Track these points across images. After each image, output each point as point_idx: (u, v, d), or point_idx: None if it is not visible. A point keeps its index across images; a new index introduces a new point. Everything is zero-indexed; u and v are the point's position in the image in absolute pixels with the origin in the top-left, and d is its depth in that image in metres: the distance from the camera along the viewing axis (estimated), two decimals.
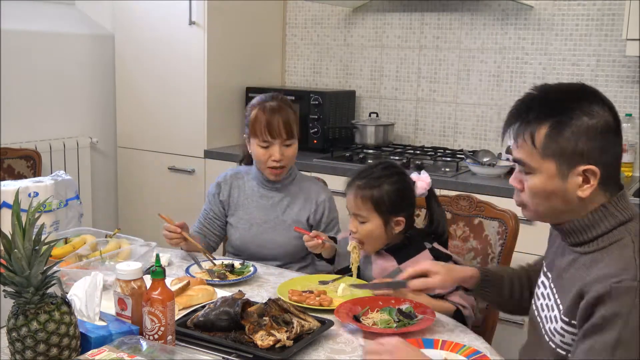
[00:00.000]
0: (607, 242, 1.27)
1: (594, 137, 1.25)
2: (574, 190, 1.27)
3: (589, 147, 1.24)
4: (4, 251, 1.24)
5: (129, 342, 1.31)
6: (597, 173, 1.25)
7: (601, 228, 1.28)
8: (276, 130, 2.11)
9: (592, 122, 1.24)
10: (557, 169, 1.26)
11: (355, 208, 1.87)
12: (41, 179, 2.11)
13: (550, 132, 1.25)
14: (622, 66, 2.91)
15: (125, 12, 3.45)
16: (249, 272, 1.95)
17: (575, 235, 1.31)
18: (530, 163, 1.29)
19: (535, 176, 1.29)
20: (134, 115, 3.51)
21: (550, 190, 1.28)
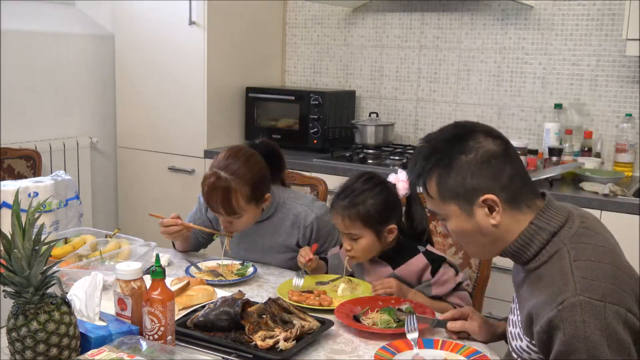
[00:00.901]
0: (547, 255, 1.29)
1: (478, 171, 1.30)
2: (486, 221, 1.32)
3: (476, 181, 1.30)
4: (4, 251, 1.24)
5: (129, 342, 1.31)
6: (496, 200, 1.29)
7: (536, 244, 1.31)
8: (214, 208, 1.96)
9: (470, 158, 1.30)
10: (460, 209, 1.33)
11: (344, 228, 1.84)
12: (41, 179, 2.11)
13: (438, 181, 1.33)
14: (622, 66, 2.91)
15: (125, 12, 3.45)
16: (249, 272, 1.95)
17: (517, 256, 1.35)
18: (438, 211, 1.37)
19: (449, 221, 1.37)
20: (134, 115, 3.51)
21: (466, 228, 1.34)
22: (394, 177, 1.92)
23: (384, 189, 1.87)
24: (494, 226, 1.31)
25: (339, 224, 1.86)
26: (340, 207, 1.84)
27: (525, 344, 1.34)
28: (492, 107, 3.23)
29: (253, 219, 2.04)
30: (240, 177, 1.94)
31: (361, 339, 1.54)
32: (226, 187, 1.92)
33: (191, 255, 2.16)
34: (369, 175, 1.91)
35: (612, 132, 2.94)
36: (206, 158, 3.30)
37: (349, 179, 1.91)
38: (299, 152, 3.23)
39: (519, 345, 1.36)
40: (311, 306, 1.68)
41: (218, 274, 1.92)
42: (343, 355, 1.46)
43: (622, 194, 2.44)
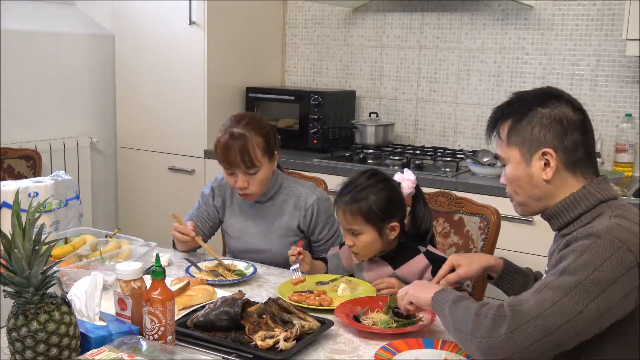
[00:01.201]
0: (590, 217, 1.35)
1: (549, 125, 1.38)
2: (539, 174, 1.39)
3: (544, 132, 1.38)
4: (4, 251, 1.24)
5: (129, 342, 1.31)
6: (554, 155, 1.37)
7: (582, 207, 1.37)
8: (233, 160, 2.01)
9: (546, 112, 1.39)
10: (520, 155, 1.41)
11: (346, 223, 1.84)
12: (41, 179, 2.11)
13: (511, 125, 1.43)
14: (622, 66, 2.91)
15: (125, 12, 3.45)
16: (249, 272, 1.95)
17: (559, 217, 1.41)
18: (501, 154, 1.46)
19: (508, 166, 1.45)
20: (134, 115, 3.51)
21: (519, 176, 1.42)
22: (399, 175, 1.92)
23: (387, 186, 1.87)
24: (546, 181, 1.39)
25: (341, 219, 1.87)
26: (342, 202, 1.85)
27: None
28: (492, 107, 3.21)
29: (267, 180, 2.09)
30: (253, 128, 2.04)
31: (361, 339, 1.54)
32: (242, 138, 2.01)
33: (191, 255, 2.16)
34: (372, 171, 1.91)
35: (612, 132, 2.94)
36: (206, 158, 3.30)
37: (353, 175, 1.92)
38: (299, 152, 3.23)
39: None
40: (311, 306, 1.68)
41: (218, 274, 1.93)
42: (343, 355, 1.46)
43: (622, 194, 2.44)
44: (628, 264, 1.22)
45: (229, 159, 2.02)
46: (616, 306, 1.22)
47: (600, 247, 1.23)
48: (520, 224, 2.52)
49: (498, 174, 2.77)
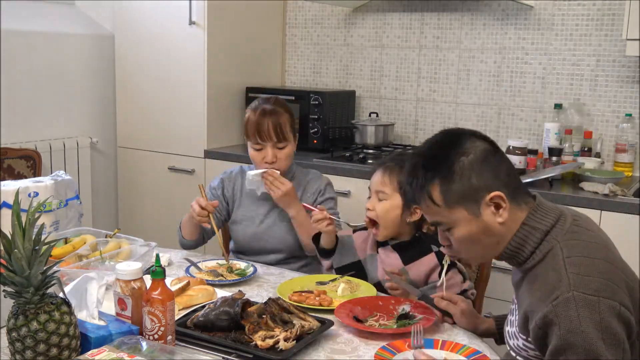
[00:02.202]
0: (541, 254, 1.31)
1: (480, 169, 1.31)
2: (494, 220, 1.33)
3: (480, 179, 1.31)
4: (4, 251, 1.24)
5: (129, 342, 1.31)
6: (502, 196, 1.31)
7: (530, 244, 1.33)
8: (266, 133, 2.13)
9: (471, 157, 1.32)
10: (467, 212, 1.33)
11: (380, 184, 1.90)
12: (41, 179, 2.11)
13: (442, 186, 1.32)
14: (622, 66, 2.91)
15: (125, 12, 3.45)
16: (249, 272, 1.95)
17: (513, 258, 1.36)
18: (443, 220, 1.35)
19: (456, 228, 1.35)
20: (134, 115, 3.51)
21: (475, 232, 1.34)
22: None
23: None
24: (501, 224, 1.33)
25: (376, 180, 1.93)
26: (385, 165, 1.93)
27: (521, 342, 1.36)
28: (492, 107, 3.23)
29: (291, 157, 2.22)
30: (281, 106, 2.21)
31: (361, 339, 1.54)
32: (274, 112, 2.16)
33: (191, 255, 2.16)
34: None
35: (612, 132, 2.94)
36: (206, 158, 3.30)
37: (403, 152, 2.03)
38: (299, 152, 3.21)
39: (516, 344, 1.38)
40: (311, 306, 1.68)
41: (218, 274, 1.93)
42: (343, 355, 1.46)
43: (622, 194, 2.44)
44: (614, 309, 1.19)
45: (262, 132, 2.13)
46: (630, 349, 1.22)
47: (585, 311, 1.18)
48: None
49: None
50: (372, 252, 1.98)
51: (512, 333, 1.41)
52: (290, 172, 2.27)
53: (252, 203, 2.27)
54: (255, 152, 2.18)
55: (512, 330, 1.41)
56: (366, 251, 2.00)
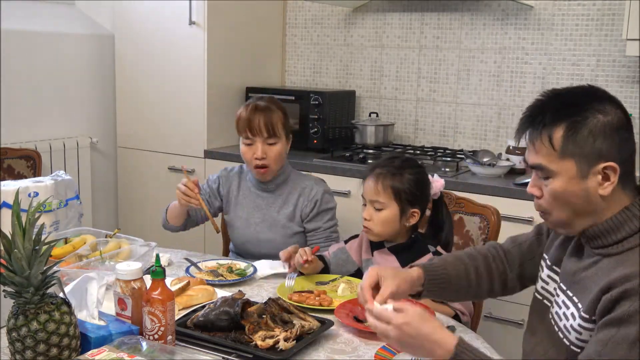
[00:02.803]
0: (633, 243, 1.25)
1: (610, 135, 1.25)
2: (595, 190, 1.26)
3: (606, 144, 1.25)
4: (4, 251, 1.24)
5: (129, 342, 1.31)
6: (616, 169, 1.25)
7: (626, 230, 1.27)
8: (256, 128, 2.14)
9: (607, 120, 1.26)
10: (577, 168, 1.26)
11: (374, 194, 1.88)
12: (41, 179, 2.11)
13: (567, 132, 1.25)
14: (622, 66, 2.91)
15: (125, 12, 3.45)
16: (249, 272, 1.95)
17: (599, 239, 1.29)
18: (549, 166, 1.28)
19: (556, 179, 1.28)
20: (134, 115, 3.51)
21: (571, 191, 1.27)
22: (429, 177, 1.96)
23: (422, 173, 1.94)
24: (601, 197, 1.26)
25: (369, 189, 1.90)
26: (376, 173, 1.90)
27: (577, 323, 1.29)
28: (492, 107, 3.23)
29: (282, 156, 2.20)
30: (274, 103, 2.21)
31: (361, 339, 1.54)
32: (266, 108, 2.16)
33: (191, 255, 2.16)
34: (409, 157, 2.01)
35: None
36: (206, 158, 3.30)
37: (393, 154, 2.01)
38: (299, 152, 3.23)
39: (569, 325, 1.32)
40: (311, 306, 1.68)
41: (218, 274, 1.93)
42: (343, 355, 1.46)
43: None
44: None
45: (253, 126, 2.14)
46: None
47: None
48: (520, 224, 2.52)
49: (498, 173, 2.77)
50: (367, 257, 1.98)
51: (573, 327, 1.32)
52: (284, 175, 2.26)
53: (247, 206, 2.27)
54: (246, 148, 2.18)
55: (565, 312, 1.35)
56: (362, 256, 2.00)
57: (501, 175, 2.78)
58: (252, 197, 2.27)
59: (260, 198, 2.26)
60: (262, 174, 2.20)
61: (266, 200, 2.25)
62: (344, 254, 2.02)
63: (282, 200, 2.24)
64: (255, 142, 2.16)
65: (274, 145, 2.16)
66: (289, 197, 2.24)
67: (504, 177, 2.77)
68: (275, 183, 2.25)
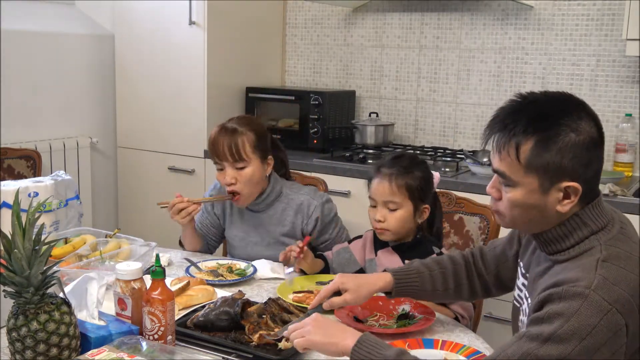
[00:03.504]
0: (579, 251, 1.26)
1: (579, 154, 1.23)
2: (553, 205, 1.26)
3: (573, 163, 1.23)
4: (4, 251, 1.24)
5: (129, 342, 1.31)
6: (578, 190, 1.24)
7: (574, 238, 1.27)
8: (221, 152, 2.05)
9: (579, 139, 1.23)
10: (539, 183, 1.25)
11: (389, 195, 1.87)
12: (41, 179, 2.11)
13: (535, 147, 1.23)
14: (622, 66, 2.91)
15: (125, 12, 3.45)
16: (249, 272, 1.95)
17: (551, 244, 1.31)
18: (511, 176, 1.27)
19: (516, 189, 1.27)
20: (134, 115, 3.51)
21: (529, 203, 1.27)
22: None
23: (428, 170, 1.95)
24: (557, 212, 1.26)
25: (382, 190, 1.88)
26: (388, 173, 1.88)
27: None
28: (492, 107, 3.22)
29: (256, 180, 2.07)
30: (245, 124, 2.08)
31: None
32: (232, 130, 2.05)
33: (191, 255, 2.16)
34: (413, 154, 2.02)
35: (612, 132, 2.94)
36: (206, 158, 3.30)
37: (392, 154, 1.98)
38: (299, 152, 3.23)
39: None
40: None
41: (218, 274, 1.92)
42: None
43: (622, 194, 2.44)
44: (616, 326, 1.15)
45: (217, 150, 2.05)
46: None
47: (588, 311, 1.14)
48: None
49: None
50: (370, 257, 1.98)
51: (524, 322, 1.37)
52: (274, 193, 2.15)
53: (243, 225, 2.20)
54: (218, 173, 2.10)
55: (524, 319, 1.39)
56: (365, 257, 2.00)
57: None
58: (246, 216, 2.19)
59: (254, 217, 2.18)
60: (236, 202, 2.11)
61: (260, 220, 2.17)
62: (347, 253, 2.02)
63: (276, 219, 2.16)
64: (225, 167, 2.07)
65: (242, 170, 2.05)
66: (284, 214, 2.15)
67: None
68: (265, 203, 2.15)
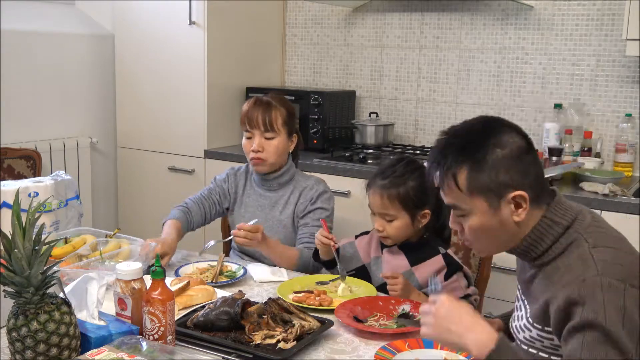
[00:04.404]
0: (562, 247, 1.30)
1: (512, 165, 1.29)
2: (509, 218, 1.31)
3: (509, 175, 1.29)
4: (5, 251, 1.24)
5: (129, 342, 1.31)
6: (525, 197, 1.29)
7: (549, 238, 1.32)
8: (254, 121, 2.18)
9: (506, 152, 1.29)
10: (487, 204, 1.31)
11: (381, 207, 1.87)
12: (41, 179, 2.11)
13: (469, 173, 1.30)
14: (622, 66, 2.91)
15: (125, 12, 3.45)
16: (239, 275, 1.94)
17: (529, 252, 1.34)
18: (461, 205, 1.33)
19: (471, 217, 1.33)
20: (134, 115, 3.51)
21: (488, 225, 1.32)
22: None
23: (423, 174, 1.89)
24: (516, 223, 1.31)
25: (376, 203, 1.89)
26: (380, 186, 1.88)
27: (535, 333, 1.35)
28: (492, 107, 3.23)
29: (281, 151, 2.21)
30: (278, 100, 2.23)
31: (361, 339, 1.54)
32: (267, 103, 2.20)
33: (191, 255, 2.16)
34: (409, 159, 1.97)
35: (612, 132, 2.94)
36: (206, 158, 3.30)
37: (389, 161, 1.97)
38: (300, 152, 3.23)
39: (529, 336, 1.37)
40: (311, 306, 1.68)
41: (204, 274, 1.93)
42: (343, 355, 1.46)
43: (622, 194, 2.44)
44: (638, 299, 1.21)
45: (251, 119, 2.18)
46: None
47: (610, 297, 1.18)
48: None
49: None
50: (376, 255, 1.98)
51: (520, 326, 1.40)
52: (288, 174, 2.27)
53: (251, 205, 2.29)
54: (246, 141, 2.23)
55: (520, 324, 1.41)
56: (370, 254, 2.00)
57: None
58: (255, 196, 2.29)
59: (264, 198, 2.27)
60: (257, 165, 2.21)
61: (269, 200, 2.26)
62: (352, 248, 2.03)
63: (284, 201, 2.25)
64: (254, 135, 2.19)
65: (271, 140, 2.19)
66: (291, 197, 2.25)
67: None
68: (278, 182, 2.25)
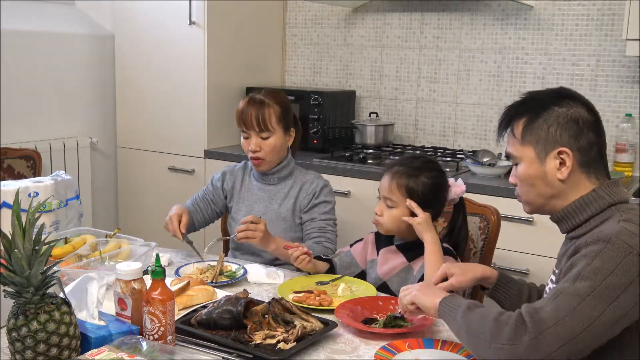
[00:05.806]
0: (599, 221, 1.36)
1: (565, 124, 1.38)
2: (553, 173, 1.39)
3: (560, 132, 1.38)
4: (4, 251, 1.24)
5: (129, 342, 1.31)
6: (570, 154, 1.37)
7: (591, 209, 1.37)
8: (249, 122, 2.18)
9: (562, 111, 1.39)
10: (535, 154, 1.41)
11: (387, 191, 1.88)
12: (41, 179, 2.11)
13: (526, 122, 1.42)
14: (622, 66, 2.91)
15: (125, 12, 3.45)
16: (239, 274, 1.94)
17: (568, 219, 1.41)
18: (514, 153, 1.45)
19: (520, 165, 1.44)
20: (134, 115, 3.51)
21: (532, 174, 1.42)
22: (451, 180, 1.95)
23: (440, 177, 1.92)
24: (560, 180, 1.39)
25: (384, 185, 1.90)
26: (393, 171, 1.89)
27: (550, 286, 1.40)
28: (492, 107, 3.23)
29: (278, 149, 2.22)
30: (272, 97, 2.22)
31: (361, 339, 1.54)
32: (260, 102, 2.19)
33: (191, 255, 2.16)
34: (431, 159, 2.01)
35: (612, 132, 2.94)
36: (206, 158, 3.30)
37: (412, 154, 1.98)
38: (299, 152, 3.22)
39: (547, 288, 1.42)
40: (311, 306, 1.68)
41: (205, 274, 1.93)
42: (343, 355, 1.46)
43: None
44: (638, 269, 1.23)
45: (245, 120, 2.19)
46: (629, 312, 1.23)
47: (610, 252, 1.24)
48: (520, 224, 2.52)
49: (498, 173, 2.78)
50: (372, 258, 1.99)
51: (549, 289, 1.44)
52: (288, 169, 2.29)
53: (249, 199, 2.30)
54: (244, 141, 2.24)
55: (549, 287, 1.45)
56: (366, 258, 2.01)
57: (501, 175, 2.78)
58: (254, 190, 2.30)
59: (262, 191, 2.29)
60: (257, 165, 2.24)
61: (268, 194, 2.28)
62: (349, 257, 2.03)
63: (283, 194, 2.27)
64: (251, 136, 2.21)
65: (267, 139, 2.20)
66: (291, 191, 2.26)
67: (504, 177, 2.77)
68: (278, 176, 2.27)
